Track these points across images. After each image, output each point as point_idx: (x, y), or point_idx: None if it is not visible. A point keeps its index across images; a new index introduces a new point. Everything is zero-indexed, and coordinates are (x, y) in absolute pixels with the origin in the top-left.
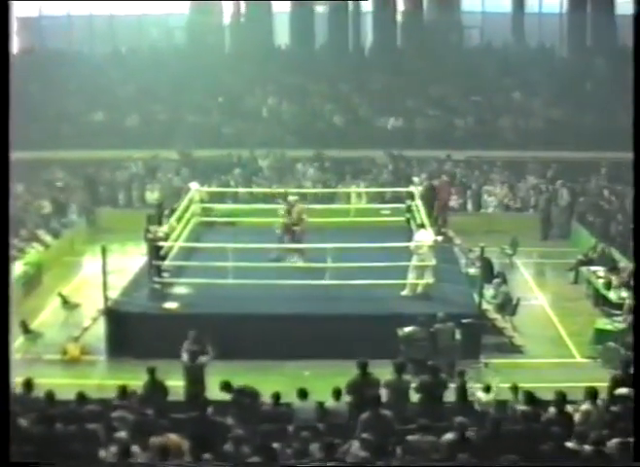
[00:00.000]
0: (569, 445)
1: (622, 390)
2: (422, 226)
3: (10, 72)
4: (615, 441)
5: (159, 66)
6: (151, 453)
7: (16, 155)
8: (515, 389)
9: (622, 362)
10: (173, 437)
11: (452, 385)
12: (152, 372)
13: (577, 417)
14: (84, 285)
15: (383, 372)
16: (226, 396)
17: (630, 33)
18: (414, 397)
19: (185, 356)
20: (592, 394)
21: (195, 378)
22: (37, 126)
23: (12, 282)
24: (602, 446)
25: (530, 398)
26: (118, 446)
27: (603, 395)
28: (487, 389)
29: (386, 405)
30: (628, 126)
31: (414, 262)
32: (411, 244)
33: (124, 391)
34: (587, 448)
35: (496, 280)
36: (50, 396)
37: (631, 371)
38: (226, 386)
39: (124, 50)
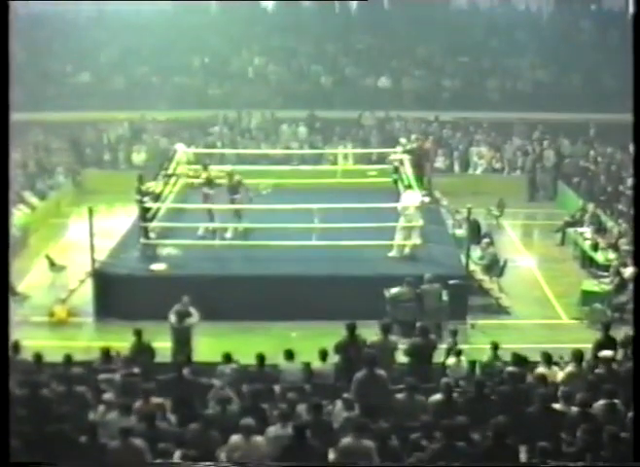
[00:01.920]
0: (555, 406)
1: (606, 352)
2: (409, 187)
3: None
4: (600, 403)
5: (144, 27)
6: (137, 417)
7: None
8: (494, 349)
9: (604, 324)
10: (157, 400)
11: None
12: (138, 334)
13: (560, 377)
14: (70, 247)
15: (370, 332)
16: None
17: None
18: (402, 358)
19: (173, 318)
20: (577, 356)
21: (183, 340)
22: (21, 88)
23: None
24: (588, 407)
25: (516, 359)
26: (105, 407)
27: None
28: (458, 353)
29: None
30: (615, 88)
31: (401, 223)
32: (398, 205)
33: (107, 354)
34: (574, 409)
35: (484, 241)
36: (37, 358)
37: (612, 333)
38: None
39: (108, 10)
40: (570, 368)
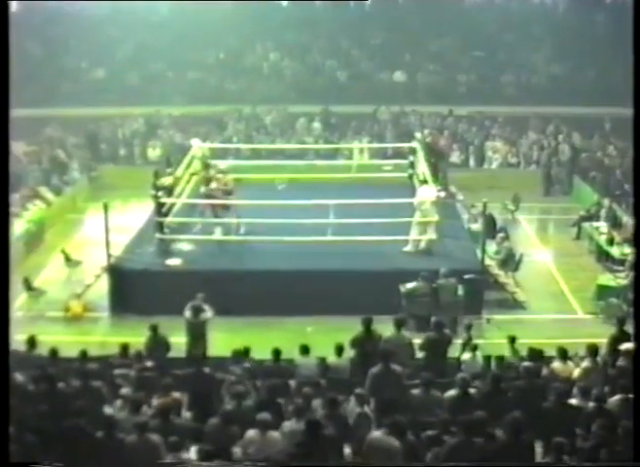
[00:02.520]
0: (572, 401)
1: (626, 345)
2: (425, 182)
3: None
4: (616, 397)
5: (159, 23)
6: (154, 411)
7: (16, 112)
8: (512, 342)
9: (619, 319)
10: (174, 396)
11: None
12: (154, 329)
13: (577, 373)
14: (86, 242)
15: (386, 328)
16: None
17: None
18: (418, 353)
19: (188, 313)
20: (593, 351)
21: (198, 335)
22: (37, 84)
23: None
24: (603, 402)
25: (532, 353)
26: (122, 402)
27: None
28: (474, 348)
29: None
30: (629, 82)
31: (417, 218)
32: (414, 200)
33: (125, 349)
34: (590, 404)
35: (499, 236)
36: (53, 353)
37: (628, 328)
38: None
39: (123, 7)
40: (586, 363)
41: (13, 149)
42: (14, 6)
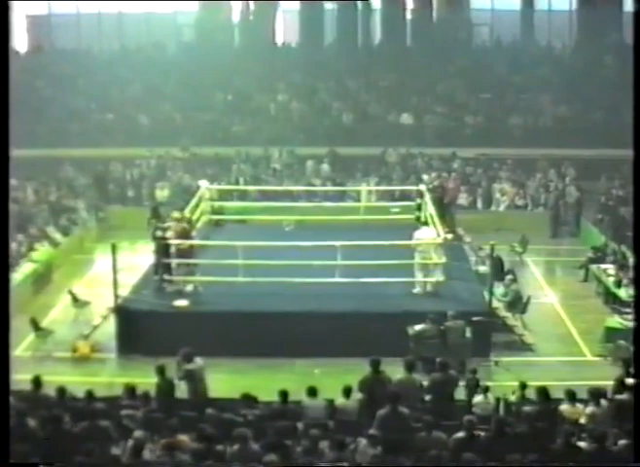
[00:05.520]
0: (581, 444)
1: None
2: (425, 223)
3: (10, 70)
4: (623, 441)
5: (167, 64)
6: (161, 452)
7: (25, 152)
8: (522, 388)
9: (626, 361)
10: (182, 438)
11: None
12: (161, 371)
13: (584, 419)
14: (94, 283)
15: (394, 369)
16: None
17: None
18: (425, 395)
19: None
20: (598, 394)
21: (197, 379)
22: (46, 124)
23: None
24: (612, 445)
25: (541, 395)
26: (129, 443)
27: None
28: (486, 390)
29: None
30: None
31: (417, 259)
32: (411, 242)
33: (132, 391)
34: (596, 446)
35: (507, 278)
36: (61, 393)
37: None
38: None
39: (132, 47)
40: (593, 405)
41: (21, 189)
42: (23, 46)
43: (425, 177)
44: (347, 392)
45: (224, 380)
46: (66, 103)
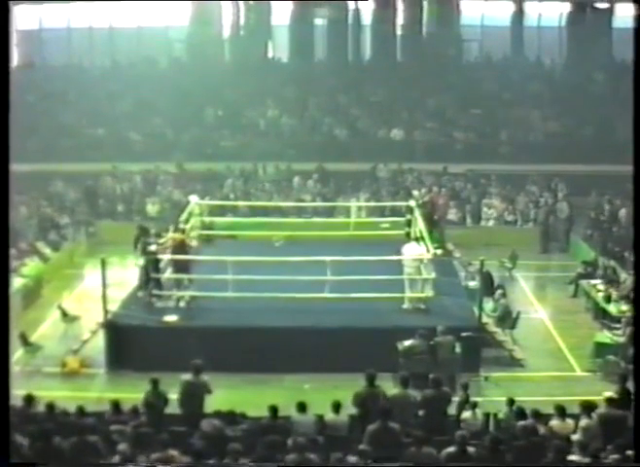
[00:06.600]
0: (572, 457)
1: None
2: (415, 239)
3: (9, 82)
4: (615, 456)
5: (158, 79)
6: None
7: (15, 167)
8: (510, 405)
9: (620, 376)
10: (172, 452)
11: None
12: (155, 383)
13: (577, 435)
14: (83, 298)
15: (383, 385)
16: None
17: (629, 46)
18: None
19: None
20: (589, 408)
21: (195, 394)
22: (37, 139)
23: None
24: (603, 459)
25: (530, 412)
26: (118, 458)
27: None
28: (474, 406)
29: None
30: (627, 140)
31: (405, 274)
32: (400, 257)
33: (117, 406)
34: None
35: (496, 293)
36: (50, 409)
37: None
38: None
39: (123, 63)
40: (584, 420)
41: (11, 204)
42: (15, 61)
43: (415, 193)
44: (337, 407)
45: (213, 395)
46: (57, 118)
